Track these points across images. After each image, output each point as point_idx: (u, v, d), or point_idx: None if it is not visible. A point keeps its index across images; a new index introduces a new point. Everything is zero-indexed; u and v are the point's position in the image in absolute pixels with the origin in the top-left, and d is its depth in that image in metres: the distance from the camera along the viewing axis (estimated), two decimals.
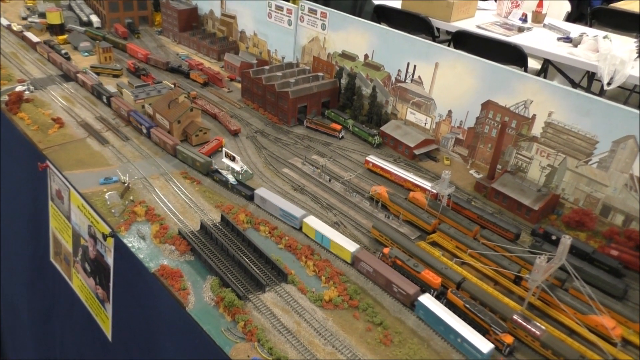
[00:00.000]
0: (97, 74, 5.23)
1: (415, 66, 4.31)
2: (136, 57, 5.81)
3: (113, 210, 3.48)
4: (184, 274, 3.01)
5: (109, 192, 3.61)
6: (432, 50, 4.16)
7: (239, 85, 5.31)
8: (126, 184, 3.70)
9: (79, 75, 5.12)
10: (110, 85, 5.04)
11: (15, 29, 6.28)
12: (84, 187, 3.69)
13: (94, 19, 6.64)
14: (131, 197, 3.60)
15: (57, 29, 6.24)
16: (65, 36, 6.16)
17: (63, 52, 5.59)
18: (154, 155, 4.10)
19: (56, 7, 6.47)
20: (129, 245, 3.22)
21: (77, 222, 3.75)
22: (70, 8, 7.01)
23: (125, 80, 5.27)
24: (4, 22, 6.44)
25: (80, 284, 3.85)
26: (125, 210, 3.49)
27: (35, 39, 5.98)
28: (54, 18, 6.20)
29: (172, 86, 4.98)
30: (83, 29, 6.38)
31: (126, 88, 4.84)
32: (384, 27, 4.51)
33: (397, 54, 4.43)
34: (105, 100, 4.26)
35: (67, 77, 5.28)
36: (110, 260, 3.43)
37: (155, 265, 3.07)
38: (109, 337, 3.55)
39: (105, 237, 3.36)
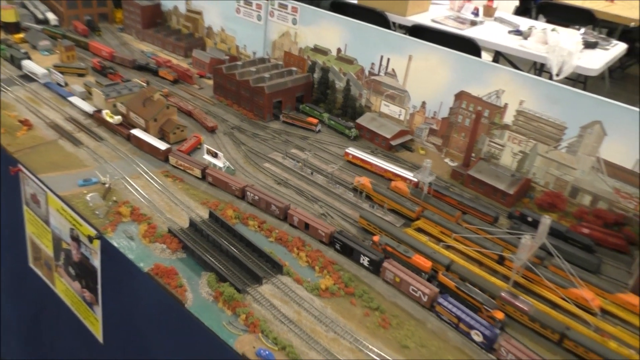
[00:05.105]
0: (62, 73, 5.07)
1: (388, 59, 4.42)
2: (100, 56, 5.67)
3: (97, 212, 3.42)
4: (178, 271, 3.01)
5: (90, 194, 3.54)
6: (405, 43, 4.29)
7: (210, 82, 5.29)
8: (107, 185, 3.64)
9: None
10: (76, 85, 4.91)
11: (111, 119, 4.25)
12: (63, 190, 3.59)
13: (51, 16, 6.41)
14: (114, 198, 3.55)
15: (12, 28, 5.98)
16: (22, 35, 5.92)
17: (22, 51, 5.38)
18: (132, 155, 4.05)
19: (8, 3, 6.21)
20: (117, 246, 3.18)
21: (58, 226, 3.66)
22: (23, 5, 6.72)
23: (91, 79, 5.15)
24: (89, 108, 4.54)
25: (64, 288, 3.76)
26: (109, 211, 3.43)
27: (159, 145, 3.99)
28: (9, 16, 5.95)
29: (144, 84, 4.90)
30: (40, 27, 6.16)
31: (95, 87, 4.73)
32: (357, 21, 4.59)
33: (370, 48, 4.53)
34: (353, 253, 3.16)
35: (29, 77, 5.09)
36: (97, 262, 3.38)
37: (147, 264, 3.04)
38: (100, 339, 3.50)
39: (91, 239, 3.30)
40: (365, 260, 3.10)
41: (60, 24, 6.45)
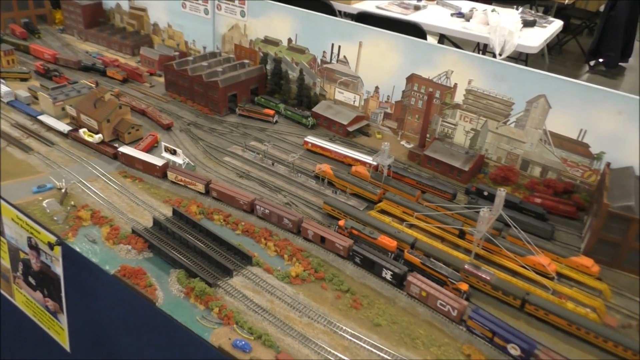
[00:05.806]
0: (4, 79, 4.87)
1: (339, 47, 4.48)
2: (43, 58, 5.47)
3: (55, 218, 3.33)
4: (146, 271, 2.98)
5: (47, 200, 3.45)
6: (355, 30, 4.35)
7: (161, 79, 5.20)
8: (63, 190, 3.55)
9: None
10: (21, 90, 4.73)
11: (91, 139, 4.03)
12: (16, 198, 3.48)
13: None
14: (72, 202, 3.47)
15: None
16: None
17: None
18: (87, 158, 3.95)
19: None
20: (80, 250, 3.12)
21: (13, 236, 3.54)
22: None
23: (36, 84, 4.97)
24: (63, 127, 4.22)
25: (24, 299, 3.65)
26: (68, 216, 3.35)
27: (155, 161, 3.78)
28: None
29: (93, 85, 4.77)
30: None
31: (41, 91, 4.57)
32: (306, 10, 4.61)
33: (320, 36, 4.57)
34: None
35: None
36: (59, 269, 3.29)
37: (113, 266, 3.00)
38: (67, 347, 3.42)
39: (52, 246, 3.21)
40: (388, 274, 2.95)
41: None
